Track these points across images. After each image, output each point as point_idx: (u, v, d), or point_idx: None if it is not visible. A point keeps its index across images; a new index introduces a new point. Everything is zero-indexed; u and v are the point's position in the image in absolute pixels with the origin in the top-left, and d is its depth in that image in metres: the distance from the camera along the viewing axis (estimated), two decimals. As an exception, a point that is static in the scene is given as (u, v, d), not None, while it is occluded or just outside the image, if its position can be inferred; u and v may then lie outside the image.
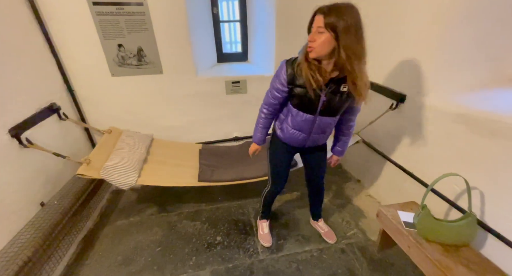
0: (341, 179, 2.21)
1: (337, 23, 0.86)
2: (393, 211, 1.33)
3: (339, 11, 0.86)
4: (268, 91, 1.14)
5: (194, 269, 1.42)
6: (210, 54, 2.19)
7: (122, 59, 1.74)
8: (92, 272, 1.42)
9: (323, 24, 0.87)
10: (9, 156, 1.20)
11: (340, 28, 0.86)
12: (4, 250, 1.10)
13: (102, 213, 1.87)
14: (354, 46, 0.90)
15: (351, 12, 0.88)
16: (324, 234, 1.61)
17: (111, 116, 1.89)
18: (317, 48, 0.92)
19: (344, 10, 0.87)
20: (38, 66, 1.47)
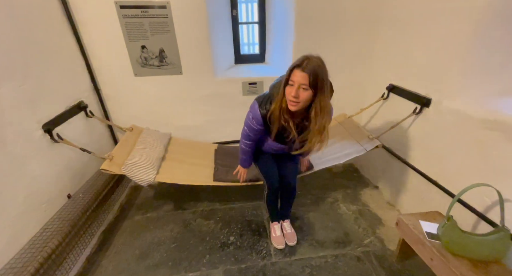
0: (358, 184, 2.14)
1: (318, 82, 0.96)
2: (415, 220, 1.27)
3: (320, 69, 0.96)
4: (245, 128, 1.24)
5: (208, 268, 1.44)
6: (228, 56, 2.22)
7: (145, 60, 1.81)
8: (111, 264, 1.48)
9: (308, 82, 0.95)
10: (42, 150, 1.28)
11: (319, 86, 0.97)
12: (35, 237, 1.17)
13: (121, 208, 1.95)
14: (325, 102, 1.03)
15: (325, 69, 0.99)
16: (286, 234, 1.58)
17: (132, 115, 1.96)
18: (300, 103, 1.01)
19: (322, 68, 0.98)
20: (69, 67, 1.57)
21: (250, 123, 1.19)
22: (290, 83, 0.99)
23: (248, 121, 1.20)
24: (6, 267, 1.02)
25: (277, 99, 1.06)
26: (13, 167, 1.12)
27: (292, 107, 1.02)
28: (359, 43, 1.93)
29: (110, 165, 1.47)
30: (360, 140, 1.78)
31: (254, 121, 1.16)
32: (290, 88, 0.99)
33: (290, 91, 0.99)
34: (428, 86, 1.48)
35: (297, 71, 0.96)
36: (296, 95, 0.97)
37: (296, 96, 0.98)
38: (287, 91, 1.00)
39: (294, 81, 0.97)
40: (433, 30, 1.40)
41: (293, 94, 0.98)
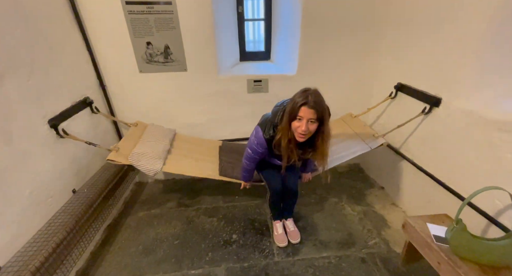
0: (363, 184, 2.11)
1: (324, 115, 1.09)
2: (422, 223, 1.23)
3: (322, 102, 1.09)
4: (249, 151, 1.33)
5: (210, 265, 1.44)
6: (233, 53, 2.20)
7: (150, 56, 1.80)
8: (115, 259, 1.49)
9: (316, 117, 1.07)
10: (48, 145, 1.29)
11: (324, 118, 1.10)
12: (41, 231, 1.19)
13: (126, 203, 1.97)
14: (328, 129, 1.15)
15: (323, 99, 1.11)
16: (289, 232, 1.58)
17: (137, 111, 1.97)
18: (308, 135, 1.12)
19: (322, 100, 1.10)
20: (75, 63, 1.57)
21: (255, 147, 1.28)
22: (299, 118, 1.09)
23: (253, 145, 1.29)
24: (12, 260, 1.04)
25: (282, 131, 1.15)
26: (19, 161, 1.13)
27: (301, 139, 1.14)
28: (366, 41, 1.89)
29: (116, 156, 1.48)
30: (365, 138, 1.75)
31: (259, 146, 1.26)
32: (299, 122, 1.09)
33: (299, 126, 1.09)
34: (438, 85, 1.43)
35: (305, 108, 1.06)
36: (306, 128, 1.08)
37: (305, 130, 1.08)
38: (295, 125, 1.11)
39: (302, 117, 1.07)
40: (445, 28, 1.35)
41: (303, 128, 1.08)
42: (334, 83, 2.04)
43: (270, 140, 1.22)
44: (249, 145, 1.33)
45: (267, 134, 1.22)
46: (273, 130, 1.21)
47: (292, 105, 1.09)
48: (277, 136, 1.18)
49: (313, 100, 1.06)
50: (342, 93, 2.09)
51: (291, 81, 2.00)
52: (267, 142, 1.23)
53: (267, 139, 1.23)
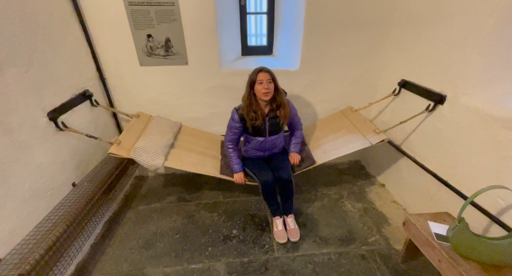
0: (364, 182, 2.11)
1: (274, 76, 1.46)
2: (423, 220, 1.23)
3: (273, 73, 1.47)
4: (227, 131, 1.58)
5: (210, 260, 1.44)
6: (235, 47, 2.16)
7: (151, 49, 1.77)
8: (116, 253, 1.50)
9: (271, 77, 1.44)
10: (47, 138, 1.28)
11: (275, 79, 1.47)
12: (40, 224, 1.18)
13: (126, 197, 1.97)
14: (281, 90, 1.51)
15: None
16: (289, 230, 1.58)
17: (138, 105, 1.95)
18: (270, 92, 1.43)
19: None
20: (75, 55, 1.55)
21: (230, 124, 1.54)
22: (259, 82, 1.41)
23: (229, 124, 1.55)
24: (12, 253, 1.04)
25: (246, 100, 1.47)
26: (18, 153, 1.12)
27: (266, 96, 1.43)
28: (370, 37, 1.85)
29: (118, 149, 1.47)
30: (366, 134, 1.73)
31: (233, 122, 1.52)
32: (260, 85, 1.41)
33: (262, 87, 1.40)
34: (443, 82, 1.41)
35: (261, 73, 1.42)
36: (267, 86, 1.40)
37: (267, 88, 1.40)
38: (258, 89, 1.42)
39: (262, 79, 1.40)
40: (451, 24, 1.32)
41: (265, 86, 1.40)
42: (337, 79, 2.02)
43: (242, 115, 1.48)
44: (227, 127, 1.57)
45: (240, 111, 1.49)
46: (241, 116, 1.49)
47: (250, 76, 1.44)
48: (243, 108, 1.47)
49: (263, 67, 1.44)
50: (345, 89, 2.06)
51: (294, 77, 1.97)
52: (239, 116, 1.49)
53: (239, 113, 1.49)
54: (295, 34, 1.91)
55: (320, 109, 2.12)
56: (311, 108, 2.12)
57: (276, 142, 1.61)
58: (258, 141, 1.57)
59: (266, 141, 1.57)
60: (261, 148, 1.60)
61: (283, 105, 1.50)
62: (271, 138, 1.57)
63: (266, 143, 1.58)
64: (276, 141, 1.61)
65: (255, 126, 1.49)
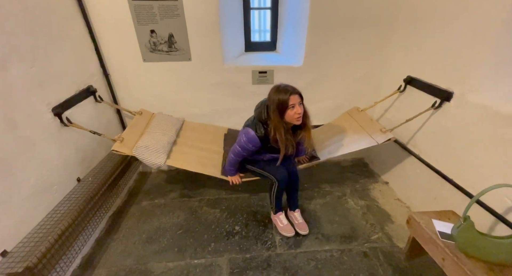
0: (367, 179, 2.09)
1: (302, 95, 1.31)
2: (427, 219, 1.22)
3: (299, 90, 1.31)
4: (238, 149, 1.41)
5: (213, 255, 1.45)
6: (238, 43, 2.15)
7: (154, 45, 1.77)
8: (120, 247, 1.52)
9: (301, 99, 1.30)
10: (52, 134, 1.29)
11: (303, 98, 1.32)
12: (46, 218, 1.20)
13: (129, 193, 1.98)
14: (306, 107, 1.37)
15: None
16: (298, 224, 1.58)
17: (141, 101, 1.95)
18: (301, 116, 1.30)
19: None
20: (78, 50, 1.55)
21: (245, 146, 1.38)
22: (291, 106, 1.26)
23: (243, 144, 1.38)
24: (19, 246, 1.05)
25: (275, 126, 1.30)
26: (24, 149, 1.13)
27: (299, 121, 1.31)
28: (376, 34, 1.82)
29: (121, 147, 1.47)
30: (372, 133, 1.72)
31: (250, 144, 1.36)
32: (292, 110, 1.27)
33: (295, 111, 1.27)
34: (450, 79, 1.38)
35: (293, 96, 1.26)
36: (299, 111, 1.28)
37: (300, 112, 1.28)
38: (290, 113, 1.28)
39: (294, 103, 1.26)
40: (460, 19, 1.29)
41: (300, 111, 1.28)
42: (341, 76, 1.99)
43: (263, 137, 1.34)
44: (238, 144, 1.42)
45: (260, 133, 1.34)
46: (263, 128, 1.34)
47: (279, 101, 1.26)
48: (272, 133, 1.31)
49: (292, 88, 1.29)
50: (349, 86, 2.04)
51: (297, 73, 1.96)
52: (260, 139, 1.34)
53: (260, 136, 1.33)
54: (299, 30, 1.89)
55: (324, 106, 2.10)
56: (315, 105, 2.09)
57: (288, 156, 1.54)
58: (273, 157, 1.47)
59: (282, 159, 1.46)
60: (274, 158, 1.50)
61: (308, 128, 1.38)
62: (288, 156, 1.49)
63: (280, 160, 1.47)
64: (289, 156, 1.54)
65: (276, 147, 1.37)
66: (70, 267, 1.25)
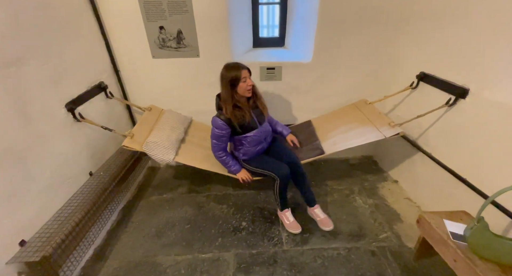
0: (376, 177, 2.06)
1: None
2: (438, 219, 1.19)
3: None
4: (214, 141, 1.51)
5: (220, 250, 1.47)
6: (246, 38, 2.13)
7: (163, 41, 1.78)
8: (130, 240, 1.56)
9: (250, 73, 1.44)
10: (65, 129, 1.33)
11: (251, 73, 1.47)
12: (61, 210, 1.25)
13: (139, 187, 2.03)
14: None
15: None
16: (320, 221, 1.57)
17: (150, 97, 1.97)
18: (251, 87, 1.45)
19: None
20: (90, 47, 1.58)
21: (217, 134, 1.47)
22: (243, 80, 1.39)
23: (215, 133, 1.48)
24: (36, 236, 1.10)
25: (226, 102, 1.42)
26: (39, 143, 1.17)
27: (250, 93, 1.45)
28: (388, 28, 1.76)
29: (131, 142, 1.50)
30: (380, 127, 1.68)
31: (219, 130, 1.45)
32: (244, 82, 1.40)
33: (247, 83, 1.41)
34: (466, 75, 1.33)
35: (244, 70, 1.40)
36: (251, 83, 1.43)
37: (251, 84, 1.43)
38: (243, 86, 1.40)
39: (245, 76, 1.40)
40: (477, 11, 1.23)
41: (250, 83, 1.42)
42: (351, 72, 1.95)
43: (227, 119, 1.43)
44: (212, 137, 1.50)
45: (223, 117, 1.43)
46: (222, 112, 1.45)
47: (231, 74, 1.39)
48: (226, 110, 1.41)
49: (241, 64, 1.42)
50: (359, 82, 2.00)
51: (306, 69, 1.93)
52: (226, 122, 1.43)
53: (224, 120, 1.43)
54: (309, 25, 1.86)
55: (332, 102, 2.06)
56: (323, 102, 2.08)
57: (267, 128, 1.63)
58: (254, 135, 1.52)
59: (261, 131, 1.55)
60: (260, 139, 1.56)
61: (259, 96, 1.54)
62: (263, 126, 1.57)
63: (261, 133, 1.56)
64: (267, 127, 1.63)
65: (245, 123, 1.46)
66: (83, 257, 1.30)
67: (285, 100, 2.08)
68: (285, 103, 2.09)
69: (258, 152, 1.61)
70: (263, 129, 1.57)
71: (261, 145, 1.60)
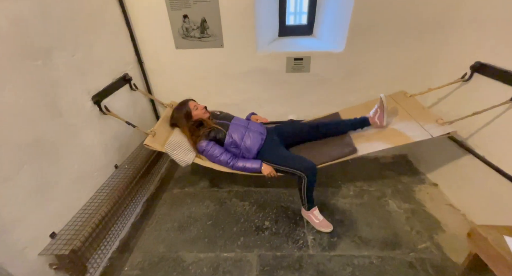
0: (411, 179, 1.88)
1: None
2: (497, 234, 1.02)
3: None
4: (217, 157, 1.53)
5: (242, 250, 1.42)
6: (272, 27, 1.99)
7: (186, 31, 1.71)
8: (153, 233, 1.57)
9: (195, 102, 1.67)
10: (92, 121, 1.32)
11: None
12: (88, 203, 1.26)
13: (162, 180, 2.04)
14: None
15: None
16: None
17: (172, 89, 1.94)
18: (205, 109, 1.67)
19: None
20: (115, 38, 1.55)
21: (211, 150, 1.53)
22: (194, 109, 1.62)
23: (209, 152, 1.53)
24: (65, 228, 1.12)
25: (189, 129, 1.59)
26: (68, 136, 1.17)
27: (207, 113, 1.66)
28: (435, 9, 1.53)
29: (152, 141, 1.48)
30: (424, 124, 1.49)
31: (209, 146, 1.53)
32: (197, 110, 1.62)
33: (199, 108, 1.64)
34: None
35: (190, 102, 1.65)
36: (202, 106, 1.65)
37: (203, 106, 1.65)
38: (196, 112, 1.62)
39: (195, 105, 1.64)
40: None
41: (202, 107, 1.65)
42: (388, 62, 1.75)
43: (204, 135, 1.54)
44: (212, 159, 1.55)
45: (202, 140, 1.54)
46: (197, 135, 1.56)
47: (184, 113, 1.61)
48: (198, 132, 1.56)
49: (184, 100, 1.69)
50: (396, 74, 1.79)
51: (337, 60, 1.76)
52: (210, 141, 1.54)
53: (209, 139, 1.55)
54: (342, 10, 1.68)
55: (365, 96, 1.88)
56: (355, 95, 1.90)
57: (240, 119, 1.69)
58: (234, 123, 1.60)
59: (239, 123, 1.62)
60: (247, 130, 1.59)
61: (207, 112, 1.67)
62: (236, 118, 1.66)
63: (242, 122, 1.64)
64: (241, 119, 1.69)
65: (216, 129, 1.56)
66: (110, 250, 1.32)
67: (313, 94, 1.93)
68: (313, 97, 1.95)
69: (260, 147, 1.57)
70: (239, 121, 1.65)
71: (258, 137, 1.57)
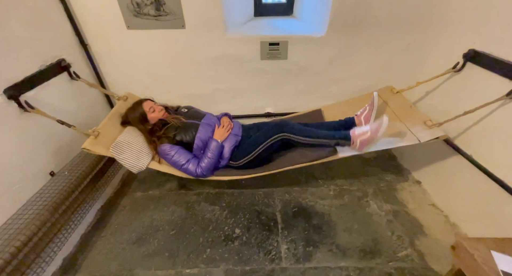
0: (394, 176, 1.77)
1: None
2: (484, 250, 0.91)
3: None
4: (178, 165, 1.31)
5: (207, 264, 1.26)
6: (245, 5, 1.71)
7: (138, 6, 1.40)
8: (106, 247, 1.37)
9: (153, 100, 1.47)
10: (8, 121, 1.05)
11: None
12: (5, 225, 1.02)
13: (123, 181, 1.81)
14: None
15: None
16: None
17: (129, 78, 1.66)
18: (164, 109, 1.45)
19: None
20: (41, 14, 1.23)
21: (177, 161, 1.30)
22: (151, 111, 1.38)
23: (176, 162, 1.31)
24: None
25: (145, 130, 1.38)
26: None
27: (165, 114, 1.43)
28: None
29: (94, 144, 1.21)
30: (412, 126, 1.35)
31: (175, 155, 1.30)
32: (153, 112, 1.38)
33: (157, 110, 1.40)
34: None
35: (145, 103, 1.40)
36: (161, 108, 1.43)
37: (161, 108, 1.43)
38: (153, 115, 1.38)
39: (151, 106, 1.39)
40: None
41: (160, 109, 1.42)
42: (375, 49, 1.56)
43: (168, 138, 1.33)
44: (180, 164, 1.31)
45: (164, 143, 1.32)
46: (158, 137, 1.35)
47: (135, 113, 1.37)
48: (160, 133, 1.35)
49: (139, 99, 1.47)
50: (384, 62, 1.61)
51: (317, 45, 1.54)
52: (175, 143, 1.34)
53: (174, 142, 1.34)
54: (325, -14, 1.43)
55: (349, 87, 1.70)
56: (338, 86, 1.71)
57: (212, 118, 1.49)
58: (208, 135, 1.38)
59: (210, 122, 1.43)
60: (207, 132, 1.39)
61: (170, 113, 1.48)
62: (207, 117, 1.46)
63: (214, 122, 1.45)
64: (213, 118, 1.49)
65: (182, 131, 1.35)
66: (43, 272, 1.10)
67: (292, 84, 1.72)
68: (292, 88, 1.73)
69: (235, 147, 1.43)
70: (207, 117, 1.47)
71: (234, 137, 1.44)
